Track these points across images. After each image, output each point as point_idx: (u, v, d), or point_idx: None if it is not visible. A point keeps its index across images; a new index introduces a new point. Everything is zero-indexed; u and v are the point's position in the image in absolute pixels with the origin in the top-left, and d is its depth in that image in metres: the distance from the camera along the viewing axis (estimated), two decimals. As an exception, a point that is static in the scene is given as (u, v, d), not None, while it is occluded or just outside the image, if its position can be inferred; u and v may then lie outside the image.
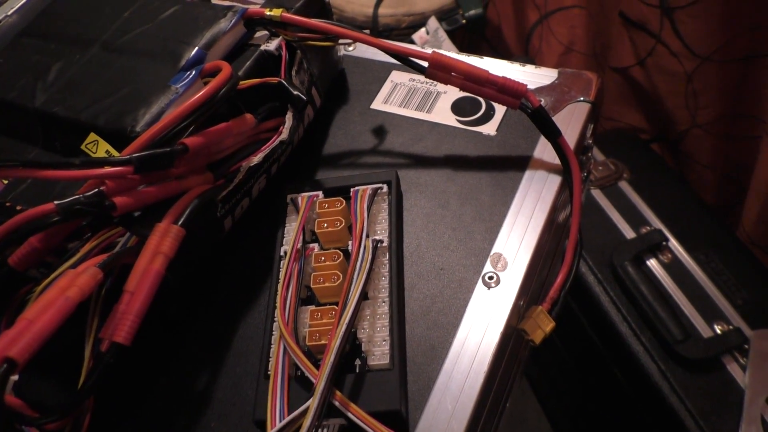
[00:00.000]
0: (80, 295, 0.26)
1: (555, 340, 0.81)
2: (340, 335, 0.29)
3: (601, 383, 0.74)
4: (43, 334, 0.24)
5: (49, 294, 0.26)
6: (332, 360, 0.29)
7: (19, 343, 0.24)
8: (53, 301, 0.25)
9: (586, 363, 0.76)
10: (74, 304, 0.26)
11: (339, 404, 0.29)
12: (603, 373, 0.71)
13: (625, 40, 0.82)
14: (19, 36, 0.44)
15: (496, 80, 0.37)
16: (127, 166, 0.30)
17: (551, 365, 0.86)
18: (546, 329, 0.35)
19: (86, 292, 0.26)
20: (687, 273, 0.70)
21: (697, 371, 0.63)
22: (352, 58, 0.49)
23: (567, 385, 0.84)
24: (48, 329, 0.24)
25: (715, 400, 0.62)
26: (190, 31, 0.38)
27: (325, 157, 0.43)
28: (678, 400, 0.62)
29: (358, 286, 0.31)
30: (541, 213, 0.37)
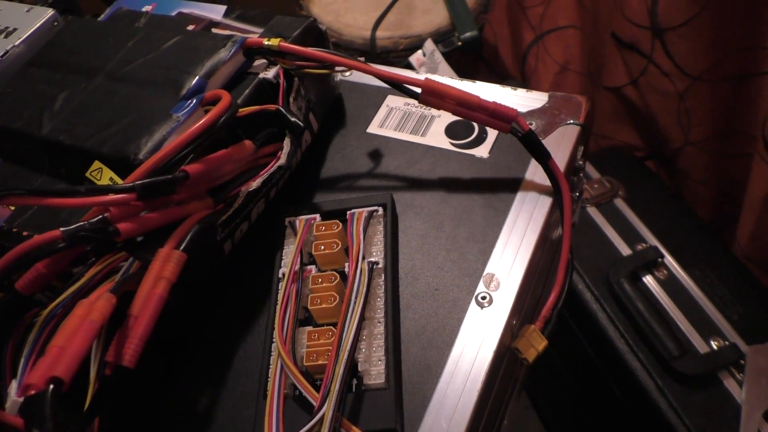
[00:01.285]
0: (102, 318, 0.27)
1: (554, 356, 0.81)
2: (343, 361, 0.30)
3: (599, 399, 0.74)
4: (79, 355, 0.26)
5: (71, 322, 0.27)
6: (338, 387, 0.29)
7: (60, 365, 0.26)
8: (79, 327, 0.27)
9: (584, 379, 0.77)
10: (99, 326, 0.27)
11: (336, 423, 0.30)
12: (601, 389, 0.72)
13: (618, 60, 0.84)
14: (27, 66, 0.45)
15: (487, 106, 0.38)
16: (131, 194, 0.31)
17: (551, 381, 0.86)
18: (539, 348, 0.36)
19: (106, 316, 0.28)
20: (683, 289, 0.71)
21: (694, 387, 0.64)
22: (348, 83, 0.50)
23: (566, 401, 0.84)
24: (82, 351, 0.26)
25: (712, 416, 0.62)
26: (191, 60, 0.40)
27: (323, 180, 0.44)
28: (675, 415, 0.62)
29: (356, 311, 0.32)
30: (532, 233, 0.38)
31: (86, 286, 0.31)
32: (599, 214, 0.79)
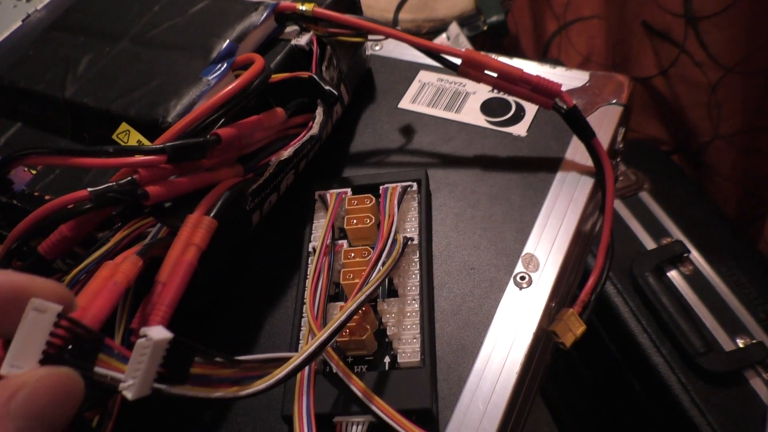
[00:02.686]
0: (126, 281, 0.26)
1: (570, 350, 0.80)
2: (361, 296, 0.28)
3: (618, 395, 0.73)
4: (101, 317, 0.24)
5: (95, 283, 0.25)
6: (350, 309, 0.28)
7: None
8: (102, 288, 0.25)
9: (602, 374, 0.75)
10: (123, 289, 0.26)
11: (368, 401, 0.28)
12: (620, 385, 0.70)
13: (648, 49, 0.82)
14: (49, 29, 0.44)
15: (530, 79, 0.36)
16: (161, 155, 0.29)
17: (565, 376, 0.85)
18: (577, 332, 0.35)
19: (131, 279, 0.26)
20: (708, 285, 0.69)
21: (719, 385, 0.62)
22: (379, 58, 0.49)
23: (581, 397, 0.83)
24: (104, 313, 0.24)
25: (737, 415, 0.60)
26: (220, 24, 0.38)
27: (352, 155, 0.43)
28: (699, 413, 0.61)
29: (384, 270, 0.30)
30: (573, 215, 0.36)
31: (112, 250, 0.30)
32: (624, 206, 0.77)
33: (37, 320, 0.18)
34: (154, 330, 0.20)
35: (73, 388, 0.18)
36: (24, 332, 0.18)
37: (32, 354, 0.18)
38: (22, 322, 0.18)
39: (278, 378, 0.24)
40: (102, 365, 0.19)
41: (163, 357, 0.20)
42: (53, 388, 0.18)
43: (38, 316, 0.18)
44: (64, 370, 0.18)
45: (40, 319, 0.18)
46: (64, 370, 0.18)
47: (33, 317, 0.18)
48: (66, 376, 0.18)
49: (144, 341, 0.19)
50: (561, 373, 0.84)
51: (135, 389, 0.19)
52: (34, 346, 0.18)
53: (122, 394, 0.19)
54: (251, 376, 0.23)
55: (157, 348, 0.20)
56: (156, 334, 0.20)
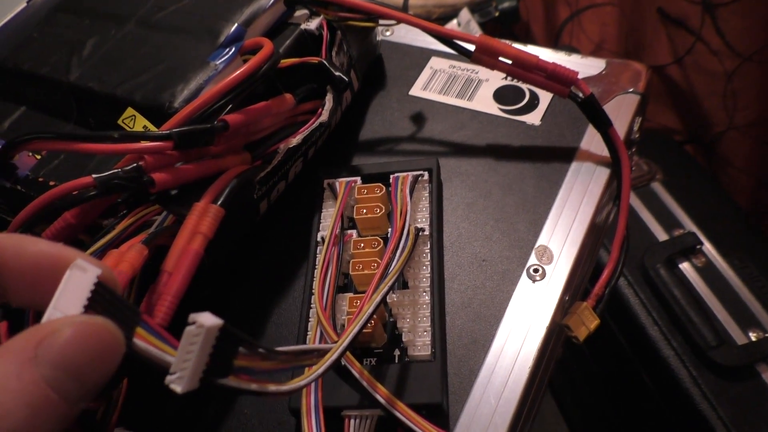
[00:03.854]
0: (131, 270, 0.25)
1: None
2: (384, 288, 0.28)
3: (627, 388, 0.72)
4: None
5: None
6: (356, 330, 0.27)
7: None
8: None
9: (612, 367, 0.75)
10: (128, 278, 0.25)
11: (377, 395, 0.28)
12: (630, 378, 0.70)
13: (663, 37, 0.80)
14: (54, 11, 0.43)
15: (546, 66, 0.35)
16: (167, 141, 0.29)
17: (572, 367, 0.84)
18: (590, 326, 0.34)
19: (136, 268, 0.26)
20: (721, 278, 0.68)
21: (730, 378, 0.61)
22: (389, 44, 0.48)
23: (589, 389, 0.82)
24: None
25: (748, 409, 0.59)
26: (228, 7, 0.37)
27: (362, 142, 0.42)
28: (709, 407, 0.60)
29: (398, 267, 0.29)
30: (588, 207, 0.35)
31: (117, 238, 0.29)
32: (635, 197, 0.76)
33: (78, 278, 0.17)
34: (203, 316, 0.18)
35: (112, 343, 0.17)
36: (66, 286, 0.17)
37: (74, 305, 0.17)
38: (65, 278, 0.17)
39: (317, 373, 0.24)
40: (140, 338, 0.18)
41: (212, 346, 0.18)
42: (90, 338, 0.16)
43: (80, 274, 0.17)
44: (104, 321, 0.17)
45: (81, 278, 0.17)
46: (103, 320, 0.17)
47: (76, 275, 0.17)
48: (105, 328, 0.16)
49: (194, 328, 0.17)
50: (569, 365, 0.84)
51: (185, 382, 0.17)
52: (77, 299, 0.17)
53: (170, 387, 0.17)
54: (285, 368, 0.22)
55: (208, 336, 0.18)
56: (207, 321, 0.18)
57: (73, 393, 0.16)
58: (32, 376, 0.15)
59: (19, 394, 0.15)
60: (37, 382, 0.15)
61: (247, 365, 0.20)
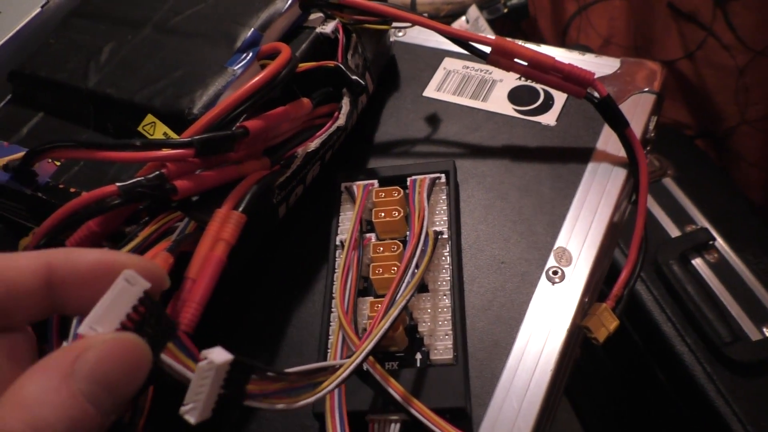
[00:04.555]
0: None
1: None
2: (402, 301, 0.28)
3: (641, 385, 0.72)
4: None
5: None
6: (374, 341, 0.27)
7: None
8: None
9: (625, 363, 0.75)
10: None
11: (401, 399, 0.28)
12: (644, 375, 0.70)
13: (673, 32, 0.79)
14: (69, 16, 0.43)
15: (563, 68, 0.35)
16: (189, 149, 0.29)
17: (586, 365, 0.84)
18: (610, 328, 0.34)
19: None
20: (735, 273, 0.68)
21: (745, 375, 0.61)
22: (402, 44, 0.48)
23: (603, 386, 0.82)
24: None
25: (764, 405, 0.59)
26: (244, 12, 0.38)
27: (377, 144, 0.42)
28: (725, 403, 0.60)
29: (420, 272, 0.29)
30: (606, 207, 0.35)
31: (141, 246, 0.29)
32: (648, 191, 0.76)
33: (124, 290, 0.18)
34: (215, 352, 0.19)
35: (140, 358, 0.18)
36: (109, 299, 0.18)
37: (111, 321, 0.18)
38: (111, 288, 0.18)
39: (328, 389, 0.24)
40: (169, 354, 0.19)
41: (224, 379, 0.19)
42: (121, 354, 0.17)
43: (127, 286, 0.18)
44: (134, 337, 0.18)
45: (127, 290, 0.18)
46: (133, 337, 0.18)
47: (122, 286, 0.18)
48: (134, 344, 0.18)
49: (206, 364, 0.19)
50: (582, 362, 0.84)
51: (197, 413, 0.19)
52: (115, 315, 0.18)
53: (184, 417, 0.19)
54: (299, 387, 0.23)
55: (219, 371, 0.19)
56: (217, 357, 0.19)
57: (107, 405, 0.17)
58: (70, 391, 0.16)
59: (60, 408, 0.16)
60: (75, 396, 0.16)
61: (258, 390, 0.21)
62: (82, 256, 0.19)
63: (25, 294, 0.18)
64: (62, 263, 0.18)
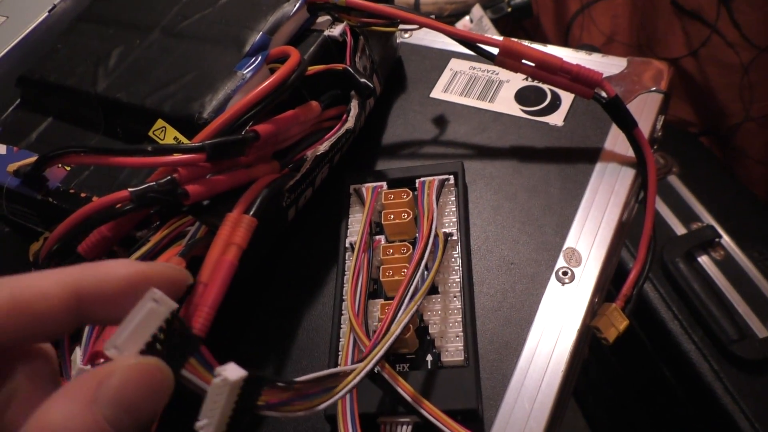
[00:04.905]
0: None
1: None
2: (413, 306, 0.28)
3: (648, 383, 0.72)
4: None
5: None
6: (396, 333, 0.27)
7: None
8: None
9: (632, 362, 0.75)
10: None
11: (412, 401, 0.28)
12: (651, 373, 0.70)
13: (677, 30, 0.79)
14: (77, 21, 0.43)
15: (571, 68, 0.36)
16: (200, 154, 0.29)
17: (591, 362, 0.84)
18: (620, 327, 0.34)
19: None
20: (741, 271, 0.68)
21: (753, 372, 0.61)
22: (408, 46, 0.48)
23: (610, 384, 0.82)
24: None
25: (772, 402, 0.60)
26: (253, 15, 0.38)
27: (385, 146, 0.42)
28: (732, 400, 0.60)
29: (431, 276, 0.30)
30: (615, 207, 0.36)
31: (153, 250, 0.29)
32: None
33: (152, 311, 0.18)
34: (228, 369, 0.19)
35: (162, 381, 0.18)
36: (136, 319, 0.18)
37: (136, 342, 0.18)
38: (138, 308, 0.18)
39: (340, 395, 0.24)
40: (189, 369, 0.19)
41: (237, 394, 0.20)
42: (143, 379, 0.17)
43: (154, 307, 0.18)
44: (156, 361, 0.18)
45: (154, 312, 0.18)
46: (154, 360, 0.18)
47: (150, 308, 0.18)
48: (157, 368, 0.18)
49: (220, 382, 0.19)
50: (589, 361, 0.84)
51: (212, 429, 0.19)
52: (140, 336, 0.18)
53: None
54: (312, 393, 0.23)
55: (233, 388, 0.19)
56: (231, 375, 0.19)
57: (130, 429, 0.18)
58: (94, 416, 0.17)
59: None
60: (98, 421, 0.17)
61: (271, 400, 0.22)
62: (109, 276, 0.19)
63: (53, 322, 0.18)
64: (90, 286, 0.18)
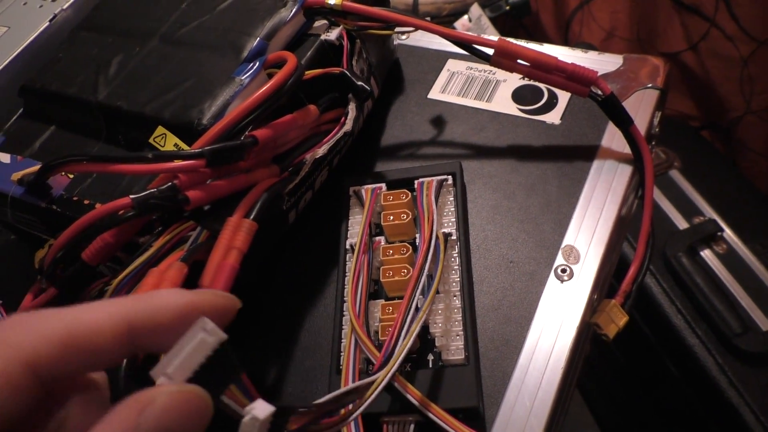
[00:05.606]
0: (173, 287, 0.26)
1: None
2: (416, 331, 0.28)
3: (653, 378, 0.72)
4: None
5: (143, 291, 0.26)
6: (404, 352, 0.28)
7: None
8: None
9: (636, 355, 0.75)
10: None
11: (414, 400, 0.28)
12: (655, 368, 0.70)
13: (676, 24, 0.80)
14: (77, 30, 0.44)
15: (566, 67, 0.36)
16: (200, 160, 0.29)
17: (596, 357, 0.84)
18: (620, 324, 0.34)
19: (177, 286, 0.26)
20: (744, 264, 0.68)
21: (757, 365, 0.61)
22: (405, 47, 0.48)
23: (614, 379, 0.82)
24: None
25: (776, 395, 0.60)
26: (250, 21, 0.38)
27: (384, 148, 0.42)
28: (737, 394, 0.60)
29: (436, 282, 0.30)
30: (613, 204, 0.36)
31: (155, 255, 0.30)
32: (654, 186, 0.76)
33: (202, 342, 0.18)
34: (258, 408, 0.20)
35: (203, 408, 0.18)
36: (186, 349, 0.18)
37: (185, 370, 0.18)
38: (188, 337, 0.18)
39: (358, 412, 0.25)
40: (229, 395, 0.20)
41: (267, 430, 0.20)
42: (184, 406, 0.18)
43: (205, 337, 0.18)
44: (196, 389, 0.18)
45: (204, 342, 0.18)
46: (195, 389, 0.18)
47: (201, 338, 0.18)
48: (197, 395, 0.18)
49: (250, 421, 0.20)
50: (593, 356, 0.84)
51: None
52: (189, 365, 0.18)
53: None
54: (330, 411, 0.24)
55: (263, 425, 0.20)
56: (261, 413, 0.20)
57: None
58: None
59: None
60: None
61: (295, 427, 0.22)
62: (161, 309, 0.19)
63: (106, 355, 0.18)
64: (142, 318, 0.19)
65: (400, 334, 0.28)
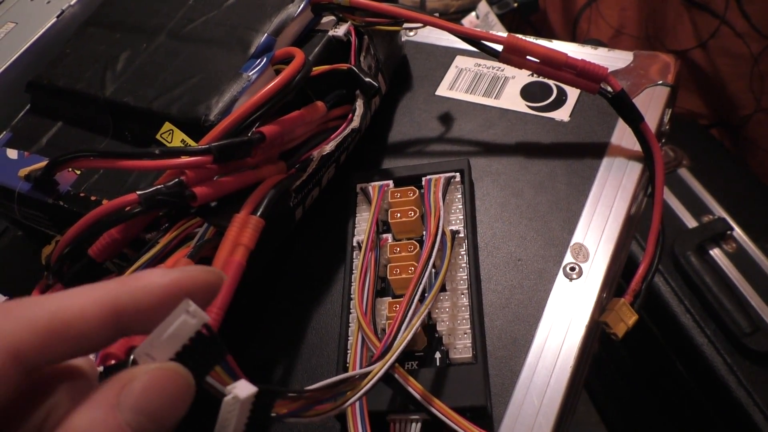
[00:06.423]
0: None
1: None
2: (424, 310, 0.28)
3: (661, 377, 0.72)
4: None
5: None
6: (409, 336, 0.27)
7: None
8: None
9: (644, 355, 0.74)
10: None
11: (421, 399, 0.28)
12: (663, 367, 0.69)
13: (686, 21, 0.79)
14: (84, 25, 0.44)
15: (576, 64, 0.35)
16: (207, 156, 0.29)
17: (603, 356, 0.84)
18: (629, 322, 0.34)
19: (184, 284, 0.26)
20: (753, 263, 0.67)
21: (766, 365, 0.61)
22: (413, 44, 0.48)
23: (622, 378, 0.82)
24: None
25: (786, 395, 0.59)
26: (257, 17, 0.38)
27: (391, 145, 0.42)
28: (745, 393, 0.60)
29: (441, 277, 0.30)
30: (622, 202, 0.35)
31: (162, 252, 0.30)
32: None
33: (184, 323, 0.18)
34: (239, 387, 0.20)
35: (184, 386, 0.18)
36: (169, 330, 0.18)
37: (167, 351, 0.18)
38: (171, 319, 0.18)
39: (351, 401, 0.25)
40: (213, 376, 0.19)
41: (249, 410, 0.20)
42: (165, 384, 0.18)
43: (187, 319, 0.18)
44: (177, 366, 0.18)
45: (187, 323, 0.18)
46: (176, 366, 0.18)
47: (183, 320, 0.18)
48: (178, 373, 0.18)
49: (231, 399, 0.19)
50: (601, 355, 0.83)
51: None
52: (171, 345, 0.18)
53: None
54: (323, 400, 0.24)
55: (244, 404, 0.20)
56: (242, 392, 0.20)
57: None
58: (117, 421, 0.17)
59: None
60: (121, 426, 0.17)
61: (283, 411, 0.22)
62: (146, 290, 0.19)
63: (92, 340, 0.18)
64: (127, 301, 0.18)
65: (401, 327, 0.28)
